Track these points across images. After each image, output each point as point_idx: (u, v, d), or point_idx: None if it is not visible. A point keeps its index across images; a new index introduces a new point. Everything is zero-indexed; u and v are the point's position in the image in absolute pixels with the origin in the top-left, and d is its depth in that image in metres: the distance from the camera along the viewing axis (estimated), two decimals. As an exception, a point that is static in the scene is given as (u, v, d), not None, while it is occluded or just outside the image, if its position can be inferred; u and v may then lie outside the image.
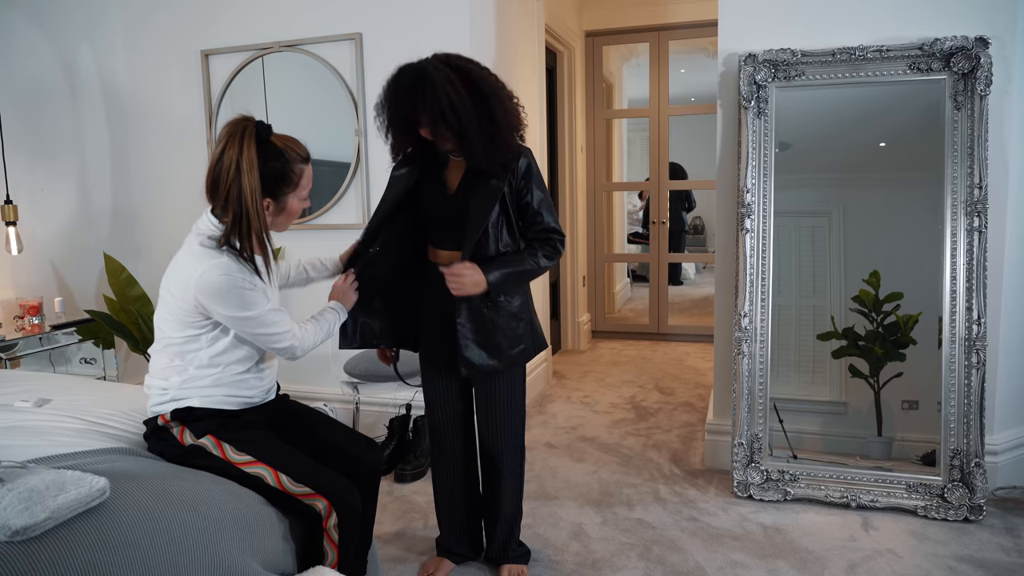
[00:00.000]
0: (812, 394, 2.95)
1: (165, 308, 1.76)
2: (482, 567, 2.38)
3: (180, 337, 1.75)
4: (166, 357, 1.78)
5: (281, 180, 1.76)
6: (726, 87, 2.92)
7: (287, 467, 1.70)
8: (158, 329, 1.79)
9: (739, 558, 2.39)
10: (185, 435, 1.74)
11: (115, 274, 3.62)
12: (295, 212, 1.84)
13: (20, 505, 1.27)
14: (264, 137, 1.73)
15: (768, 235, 2.82)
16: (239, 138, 1.69)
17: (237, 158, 1.68)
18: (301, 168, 1.80)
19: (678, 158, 6.52)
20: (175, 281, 1.73)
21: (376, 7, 3.42)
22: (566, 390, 4.40)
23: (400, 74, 1.96)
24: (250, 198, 1.68)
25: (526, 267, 2.06)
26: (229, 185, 1.68)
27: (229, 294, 1.68)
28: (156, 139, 3.95)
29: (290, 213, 1.83)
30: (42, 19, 3.71)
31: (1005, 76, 2.63)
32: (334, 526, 1.70)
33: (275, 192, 1.76)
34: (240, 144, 1.69)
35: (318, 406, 3.47)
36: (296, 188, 1.80)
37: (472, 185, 2.05)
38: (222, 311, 1.69)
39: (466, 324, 2.06)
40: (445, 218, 2.10)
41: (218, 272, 1.67)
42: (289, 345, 1.80)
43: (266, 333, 1.75)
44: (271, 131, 1.75)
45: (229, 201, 1.69)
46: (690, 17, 5.22)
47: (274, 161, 1.73)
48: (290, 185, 1.78)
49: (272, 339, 1.77)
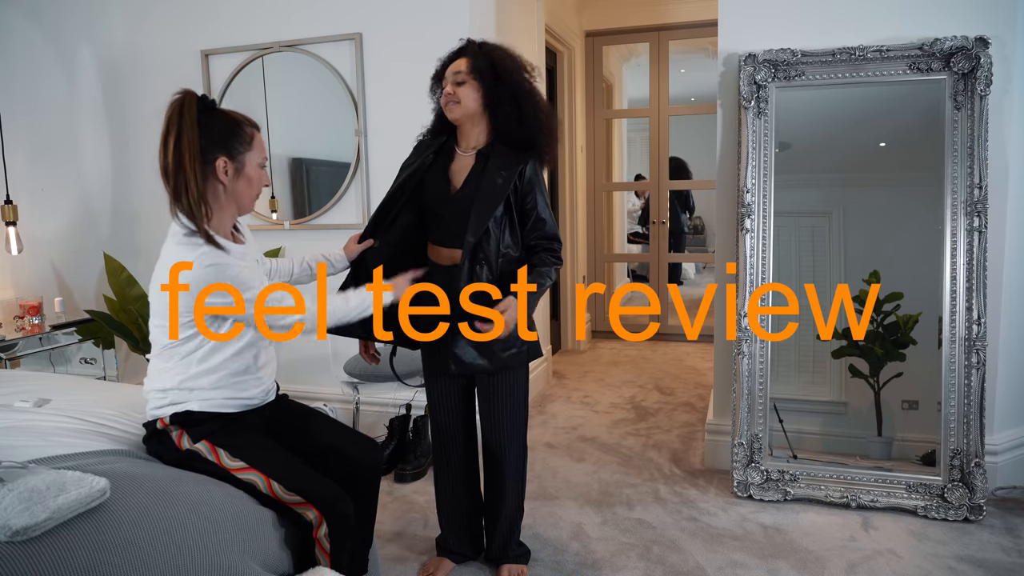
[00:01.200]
0: (812, 394, 2.95)
1: (156, 312, 1.73)
2: (482, 567, 2.38)
3: (175, 341, 1.72)
4: (162, 361, 1.76)
5: (233, 136, 1.69)
6: (726, 87, 2.92)
7: (279, 475, 1.68)
8: (152, 334, 1.77)
9: (739, 558, 2.39)
10: (183, 440, 1.73)
11: (115, 274, 3.62)
12: (255, 180, 1.75)
13: (20, 505, 1.27)
14: (208, 106, 1.69)
15: (768, 235, 2.82)
16: (178, 107, 1.65)
17: (178, 123, 1.63)
18: (252, 131, 1.74)
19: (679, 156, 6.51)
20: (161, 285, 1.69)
21: (376, 7, 3.42)
22: (566, 390, 4.40)
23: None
24: (188, 156, 1.61)
25: (546, 283, 2.10)
26: (170, 157, 1.63)
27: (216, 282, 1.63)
28: (156, 139, 3.92)
29: (250, 179, 1.74)
30: (41, 19, 3.71)
31: (1005, 76, 2.63)
32: (325, 536, 1.68)
33: (229, 149, 1.69)
34: (180, 112, 1.64)
35: (318, 406, 3.47)
36: (250, 148, 1.73)
37: (478, 182, 2.06)
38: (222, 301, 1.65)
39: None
40: (448, 214, 2.10)
41: (203, 264, 1.62)
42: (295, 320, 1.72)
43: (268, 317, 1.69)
44: (215, 104, 1.72)
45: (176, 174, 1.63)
46: (690, 17, 5.22)
47: (221, 121, 1.69)
48: (243, 143, 1.71)
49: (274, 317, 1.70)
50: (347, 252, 2.16)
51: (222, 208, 1.75)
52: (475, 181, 2.07)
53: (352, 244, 2.18)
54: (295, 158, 3.68)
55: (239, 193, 1.75)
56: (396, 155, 2.28)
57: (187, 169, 1.63)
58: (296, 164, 3.68)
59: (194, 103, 1.66)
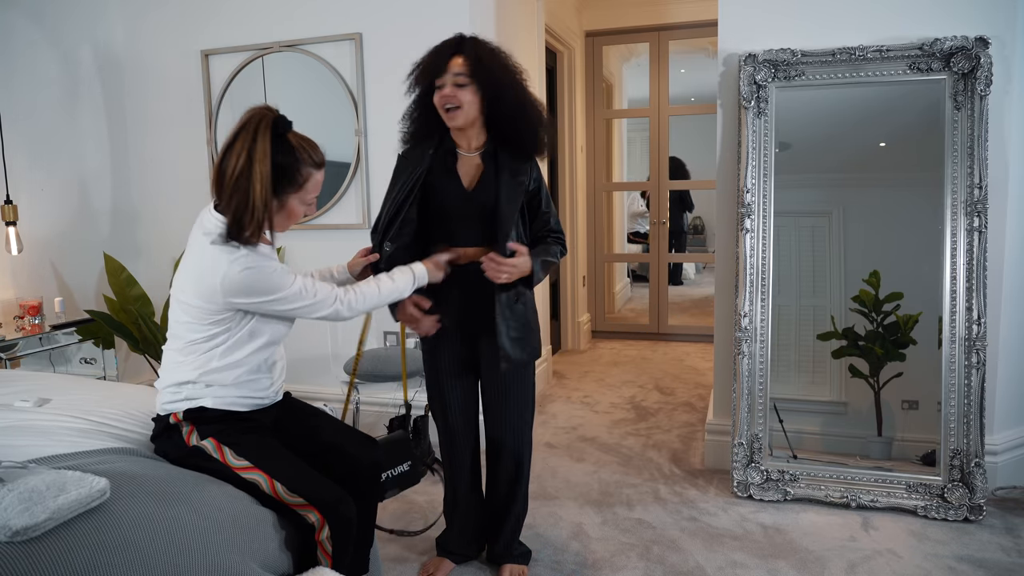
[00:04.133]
0: (812, 394, 2.95)
1: (181, 310, 1.73)
2: (482, 567, 2.38)
3: (198, 337, 1.73)
4: (183, 355, 1.75)
5: (286, 178, 1.71)
6: (726, 87, 2.92)
7: (283, 476, 1.69)
8: (173, 330, 1.77)
9: (739, 558, 2.39)
10: (192, 436, 1.74)
11: (115, 274, 3.62)
12: (295, 215, 1.79)
13: (20, 505, 1.27)
14: (280, 132, 1.69)
15: (768, 235, 2.82)
16: (254, 127, 1.65)
17: (249, 147, 1.64)
18: (310, 171, 1.74)
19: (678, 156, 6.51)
20: (191, 283, 1.70)
21: (376, 7, 3.42)
22: (566, 390, 4.40)
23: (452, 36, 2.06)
24: (259, 187, 1.64)
25: (550, 257, 2.14)
26: (237, 176, 1.64)
27: (258, 284, 1.67)
28: (156, 139, 3.95)
29: (290, 214, 1.78)
30: (42, 19, 3.71)
31: (1005, 76, 2.63)
32: (327, 538, 1.68)
33: (277, 189, 1.71)
34: (254, 134, 1.65)
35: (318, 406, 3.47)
36: (300, 190, 1.75)
37: (495, 181, 2.08)
38: (257, 301, 1.69)
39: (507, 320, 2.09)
40: (465, 214, 2.11)
41: (239, 268, 1.65)
42: (333, 310, 1.79)
43: (305, 305, 1.75)
44: (290, 127, 1.72)
45: (235, 192, 1.65)
46: (690, 17, 5.22)
47: (284, 157, 1.69)
48: (294, 185, 1.73)
49: (314, 308, 1.77)
50: (351, 267, 2.12)
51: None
52: (491, 182, 2.08)
53: (358, 259, 2.14)
54: (295, 158, 3.67)
55: (275, 223, 1.77)
56: (396, 155, 2.27)
57: (256, 201, 1.65)
58: (296, 164, 3.67)
59: (269, 124, 1.67)
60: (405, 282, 1.95)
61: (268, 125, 1.66)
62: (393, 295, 1.93)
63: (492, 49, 2.04)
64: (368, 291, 1.88)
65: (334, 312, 1.81)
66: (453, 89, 1.99)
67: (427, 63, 2.04)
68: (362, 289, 1.87)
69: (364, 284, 1.90)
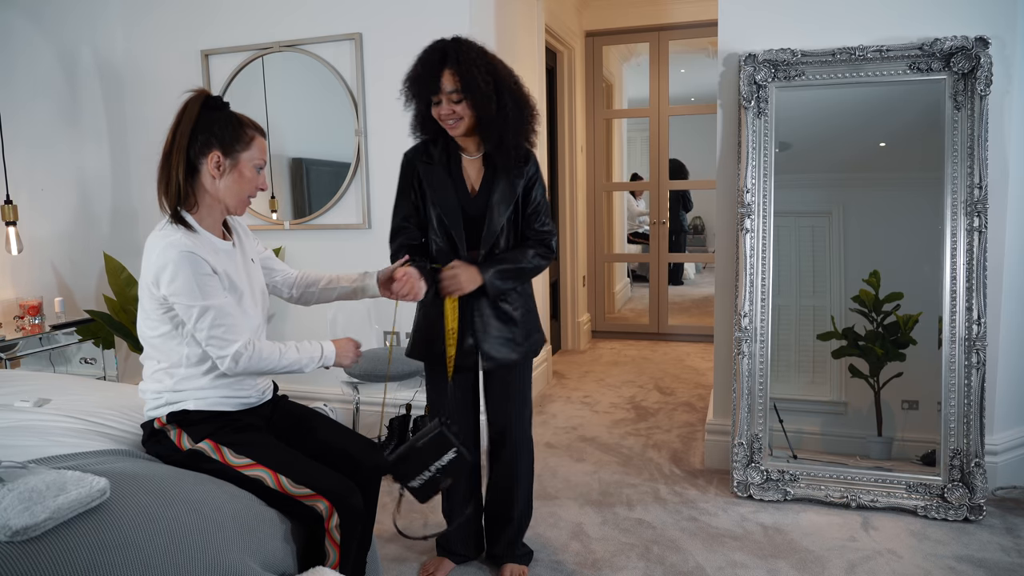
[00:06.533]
0: (812, 394, 2.95)
1: (141, 308, 1.74)
2: (482, 567, 2.38)
3: (156, 336, 1.72)
4: (153, 359, 1.76)
5: (230, 133, 1.70)
6: (726, 87, 2.92)
7: (287, 469, 1.69)
8: (140, 332, 1.77)
9: (739, 558, 2.39)
10: (183, 439, 1.73)
11: (115, 274, 3.62)
12: (248, 180, 1.74)
13: (20, 505, 1.27)
14: (214, 104, 1.72)
15: (768, 235, 2.82)
16: (183, 107, 1.71)
17: (179, 117, 1.69)
18: (253, 133, 1.75)
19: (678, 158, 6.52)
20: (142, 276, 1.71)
21: (376, 7, 3.42)
22: (566, 390, 4.39)
23: (434, 43, 2.03)
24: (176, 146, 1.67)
25: (521, 264, 2.11)
26: (165, 154, 1.69)
27: (180, 270, 1.61)
28: (156, 139, 3.91)
29: (241, 176, 1.72)
30: (41, 18, 3.71)
31: (1005, 76, 2.63)
32: (336, 527, 1.69)
33: (225, 145, 1.69)
34: (185, 106, 1.70)
35: (318, 406, 3.48)
36: (248, 147, 1.72)
37: (492, 184, 2.11)
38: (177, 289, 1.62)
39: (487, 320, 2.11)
40: (469, 219, 2.12)
41: (164, 244, 1.64)
42: (231, 353, 1.65)
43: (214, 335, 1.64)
44: (226, 106, 1.74)
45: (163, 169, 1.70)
46: (690, 17, 5.22)
47: (224, 118, 1.71)
48: (240, 141, 1.71)
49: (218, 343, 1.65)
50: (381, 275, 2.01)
51: (211, 204, 1.75)
52: (489, 182, 2.11)
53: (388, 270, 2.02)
54: (295, 158, 3.68)
55: (229, 189, 1.73)
56: (396, 155, 2.28)
57: (174, 158, 1.68)
58: (296, 164, 3.68)
59: (199, 99, 1.70)
60: (309, 359, 1.78)
61: (198, 102, 1.70)
62: (292, 367, 1.76)
63: (476, 55, 1.98)
64: (269, 354, 1.72)
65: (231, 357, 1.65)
66: (450, 106, 2.00)
67: (417, 78, 2.02)
68: (263, 350, 1.71)
69: (268, 345, 1.73)
